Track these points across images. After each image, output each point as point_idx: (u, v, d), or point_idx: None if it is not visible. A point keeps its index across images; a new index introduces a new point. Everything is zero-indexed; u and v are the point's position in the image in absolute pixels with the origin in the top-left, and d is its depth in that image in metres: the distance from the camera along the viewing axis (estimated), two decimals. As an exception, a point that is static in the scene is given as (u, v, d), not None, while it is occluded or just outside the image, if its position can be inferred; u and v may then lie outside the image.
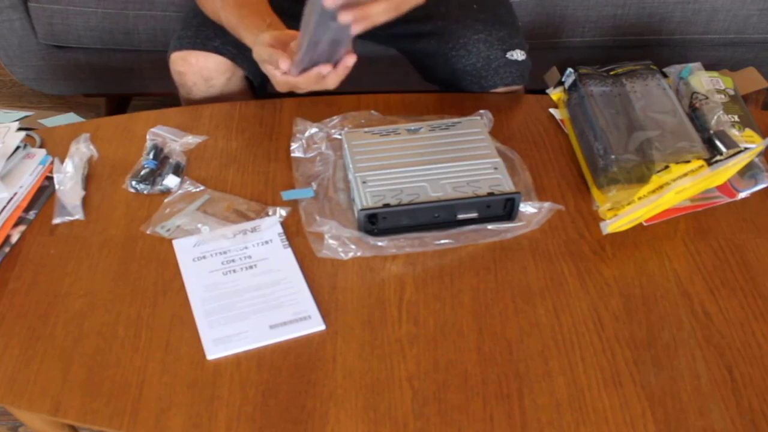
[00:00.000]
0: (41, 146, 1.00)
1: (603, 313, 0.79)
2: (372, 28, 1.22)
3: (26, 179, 0.94)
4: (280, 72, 0.86)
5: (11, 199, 0.91)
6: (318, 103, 1.06)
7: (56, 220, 0.90)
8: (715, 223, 0.89)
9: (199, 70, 1.10)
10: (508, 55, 1.09)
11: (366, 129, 0.97)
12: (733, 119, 0.94)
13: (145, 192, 0.94)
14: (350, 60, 0.84)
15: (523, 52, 1.11)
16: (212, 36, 1.09)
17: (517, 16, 1.19)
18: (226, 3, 1.00)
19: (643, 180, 0.87)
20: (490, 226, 0.87)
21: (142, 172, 0.95)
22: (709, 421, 0.70)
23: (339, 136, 0.99)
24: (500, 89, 1.11)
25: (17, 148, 0.96)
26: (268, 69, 0.89)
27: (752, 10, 1.56)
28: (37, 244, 0.88)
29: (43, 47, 1.62)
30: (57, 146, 1.00)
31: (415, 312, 0.79)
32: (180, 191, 0.94)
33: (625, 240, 0.87)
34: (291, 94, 0.93)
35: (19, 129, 0.98)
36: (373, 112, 1.03)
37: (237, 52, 1.09)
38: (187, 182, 0.95)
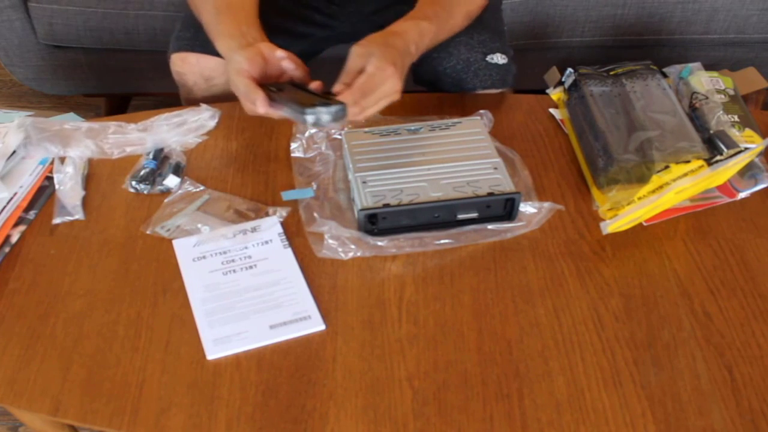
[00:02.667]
0: (41, 146, 1.00)
1: (603, 313, 0.79)
2: (369, 31, 1.22)
3: (26, 179, 0.94)
4: (258, 110, 0.86)
5: (11, 199, 0.91)
6: (318, 103, 1.06)
7: (56, 220, 0.90)
8: (715, 223, 0.89)
9: (200, 70, 1.10)
10: (488, 58, 1.09)
11: (366, 129, 0.97)
12: (733, 119, 0.94)
13: (145, 192, 0.94)
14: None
15: (504, 56, 1.11)
16: None
17: (504, 20, 1.19)
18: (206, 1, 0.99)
19: (643, 180, 0.87)
20: (490, 226, 0.87)
21: (142, 172, 0.95)
22: (709, 421, 0.70)
23: (339, 136, 0.99)
24: (480, 92, 1.11)
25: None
26: (241, 99, 0.88)
27: (752, 10, 1.56)
28: (37, 244, 0.88)
29: (43, 47, 1.62)
30: (57, 146, 1.00)
31: (415, 312, 0.79)
32: (180, 191, 0.94)
33: (625, 240, 0.87)
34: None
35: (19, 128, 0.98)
36: (373, 112, 1.03)
37: None
38: (187, 182, 0.95)
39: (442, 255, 0.85)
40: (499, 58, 1.10)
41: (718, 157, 0.87)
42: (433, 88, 1.13)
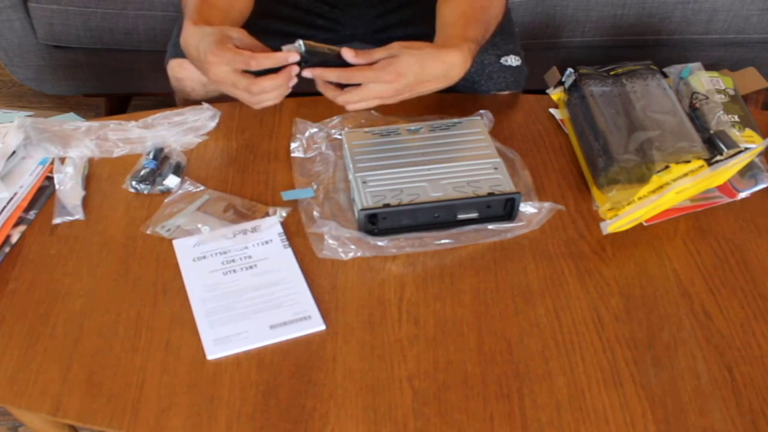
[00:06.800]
0: (41, 146, 1.00)
1: (603, 313, 0.79)
2: (371, 33, 1.22)
3: (26, 179, 0.94)
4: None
5: (11, 199, 0.91)
6: (318, 103, 1.06)
7: (56, 220, 0.90)
8: (715, 223, 0.89)
9: (199, 76, 1.10)
10: (502, 60, 1.09)
11: (366, 129, 0.97)
12: (733, 119, 0.94)
13: (145, 192, 0.94)
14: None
15: (518, 58, 1.11)
16: None
17: (514, 22, 1.19)
18: None
19: (643, 180, 0.87)
20: (490, 226, 0.87)
21: (142, 172, 0.95)
22: (709, 421, 0.70)
23: (339, 136, 0.99)
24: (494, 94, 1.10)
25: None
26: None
27: (752, 10, 1.56)
28: (37, 244, 0.88)
29: (43, 47, 1.62)
30: (57, 146, 1.00)
31: (415, 312, 0.79)
32: (180, 191, 0.94)
33: (625, 240, 0.87)
34: (292, 94, 0.93)
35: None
36: (373, 112, 1.03)
37: None
38: (187, 182, 0.95)
39: (443, 255, 0.85)
40: (512, 60, 1.10)
41: (718, 157, 0.87)
42: (444, 91, 1.13)
